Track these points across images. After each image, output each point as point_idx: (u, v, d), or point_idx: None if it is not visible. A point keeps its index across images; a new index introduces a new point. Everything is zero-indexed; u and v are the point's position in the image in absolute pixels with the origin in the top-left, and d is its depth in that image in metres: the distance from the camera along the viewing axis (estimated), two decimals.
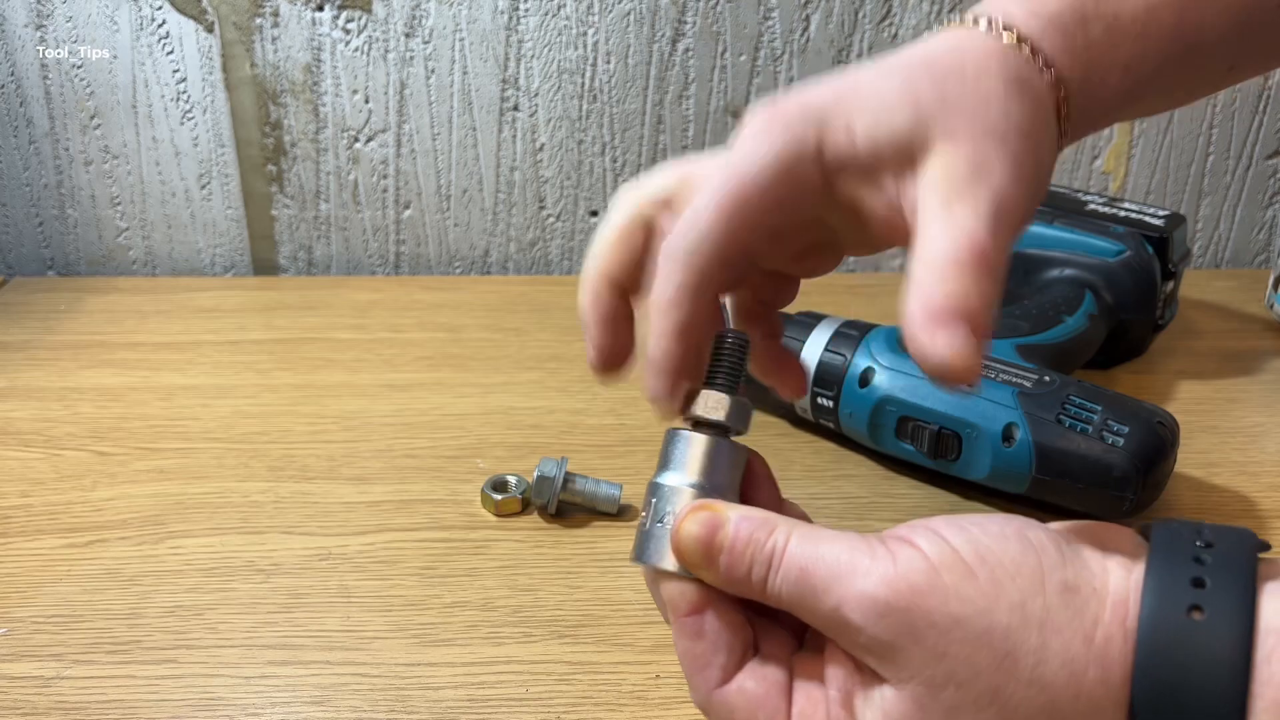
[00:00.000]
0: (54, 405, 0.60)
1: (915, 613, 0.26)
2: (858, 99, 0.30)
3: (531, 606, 0.44)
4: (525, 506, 0.50)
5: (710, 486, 0.31)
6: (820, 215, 0.32)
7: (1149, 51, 0.34)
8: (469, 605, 0.44)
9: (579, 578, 0.45)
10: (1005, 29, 0.32)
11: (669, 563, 0.30)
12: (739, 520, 0.29)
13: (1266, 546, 0.28)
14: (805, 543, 0.28)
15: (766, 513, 0.30)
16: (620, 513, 0.49)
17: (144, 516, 0.49)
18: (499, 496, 0.49)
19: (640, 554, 0.31)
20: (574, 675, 0.40)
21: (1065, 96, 0.32)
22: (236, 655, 0.41)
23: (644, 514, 0.32)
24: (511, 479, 0.51)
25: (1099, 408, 0.47)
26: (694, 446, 0.31)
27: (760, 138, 0.30)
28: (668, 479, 0.31)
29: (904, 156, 0.30)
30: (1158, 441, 0.47)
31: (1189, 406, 0.59)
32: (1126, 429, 0.46)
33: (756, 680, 0.30)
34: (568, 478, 0.49)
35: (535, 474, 0.48)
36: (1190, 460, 0.53)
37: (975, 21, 0.32)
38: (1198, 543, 0.27)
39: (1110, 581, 0.27)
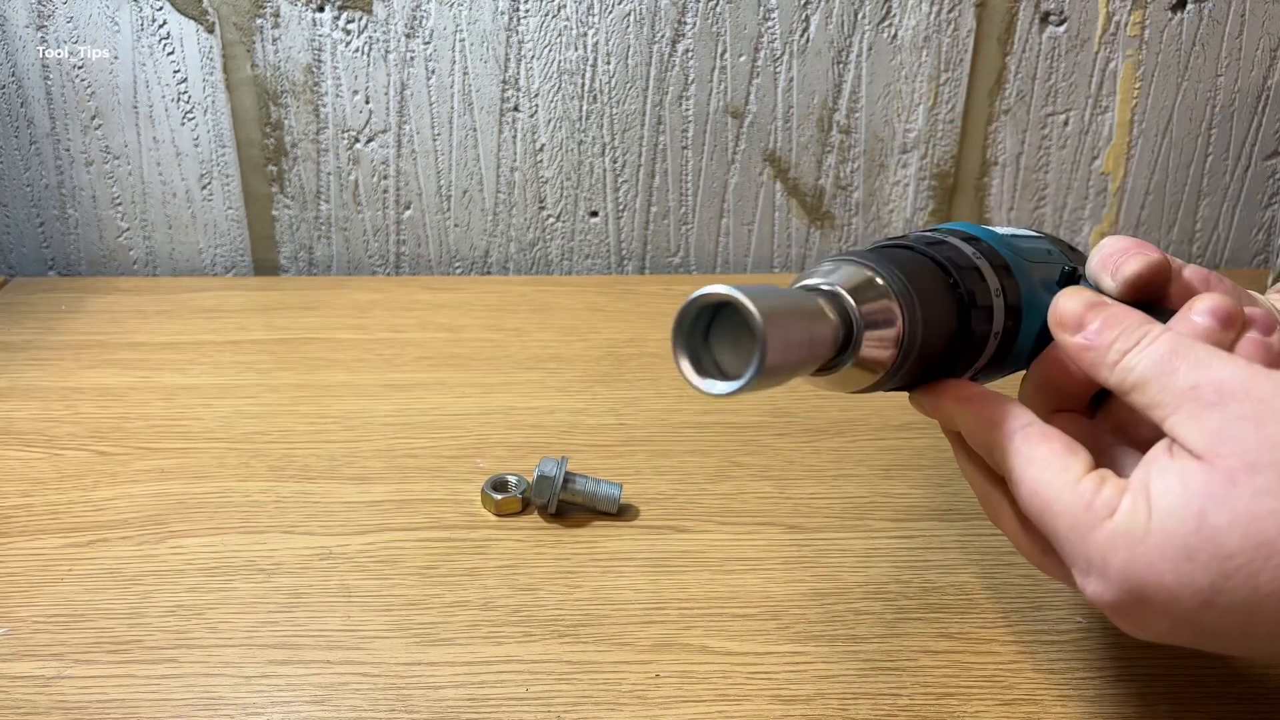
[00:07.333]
0: (55, 405, 0.60)
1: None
2: None
3: (531, 606, 0.44)
4: (525, 506, 0.50)
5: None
6: None
7: None
8: (469, 605, 0.44)
9: (579, 578, 0.45)
10: None
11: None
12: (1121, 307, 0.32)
13: None
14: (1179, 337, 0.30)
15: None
16: (620, 512, 0.49)
17: (145, 516, 0.49)
18: (499, 496, 0.49)
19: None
20: (574, 675, 0.40)
21: None
22: (237, 655, 0.41)
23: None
24: (511, 479, 0.51)
25: None
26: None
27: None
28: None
29: None
30: None
31: None
32: None
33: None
34: (568, 478, 0.49)
35: (535, 474, 0.49)
36: None
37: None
38: None
39: None
